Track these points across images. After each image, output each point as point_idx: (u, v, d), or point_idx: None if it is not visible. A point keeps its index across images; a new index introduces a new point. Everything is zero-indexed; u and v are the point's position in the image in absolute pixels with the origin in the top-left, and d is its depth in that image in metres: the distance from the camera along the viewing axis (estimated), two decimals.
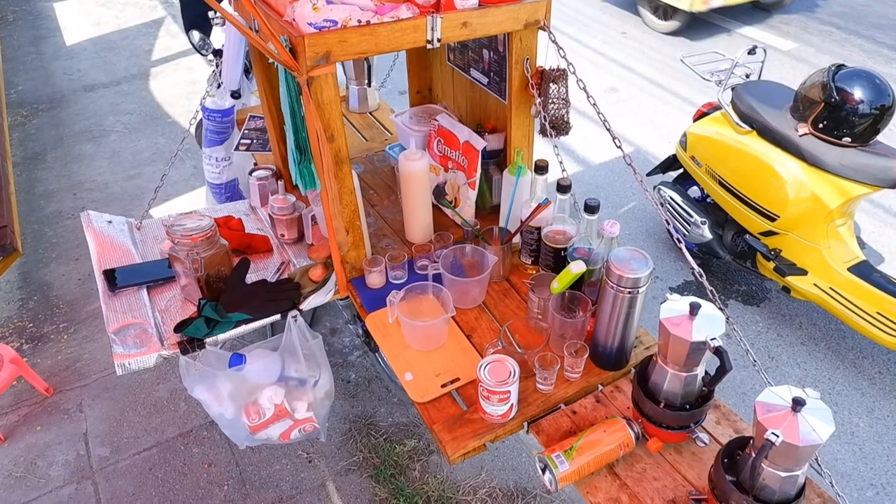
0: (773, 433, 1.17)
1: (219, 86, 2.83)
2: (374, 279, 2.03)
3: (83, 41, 6.87)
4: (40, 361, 3.23)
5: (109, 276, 2.11)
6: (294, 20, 1.60)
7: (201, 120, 2.91)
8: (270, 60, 2.16)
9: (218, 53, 3.05)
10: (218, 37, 3.68)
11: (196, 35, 3.90)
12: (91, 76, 6.12)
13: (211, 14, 2.93)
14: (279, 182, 2.36)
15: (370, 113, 3.16)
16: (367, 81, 3.11)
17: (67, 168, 4.78)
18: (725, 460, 1.35)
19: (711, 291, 1.74)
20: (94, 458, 2.80)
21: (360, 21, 1.62)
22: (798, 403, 1.18)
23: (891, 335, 2.82)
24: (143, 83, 5.97)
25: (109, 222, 2.36)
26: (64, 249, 3.97)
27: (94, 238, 2.25)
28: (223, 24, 3.69)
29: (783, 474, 1.24)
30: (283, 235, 2.30)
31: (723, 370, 1.39)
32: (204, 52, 4.03)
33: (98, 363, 3.21)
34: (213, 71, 2.90)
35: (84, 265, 3.82)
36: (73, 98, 5.74)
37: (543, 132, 2.01)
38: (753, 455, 1.24)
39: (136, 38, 6.88)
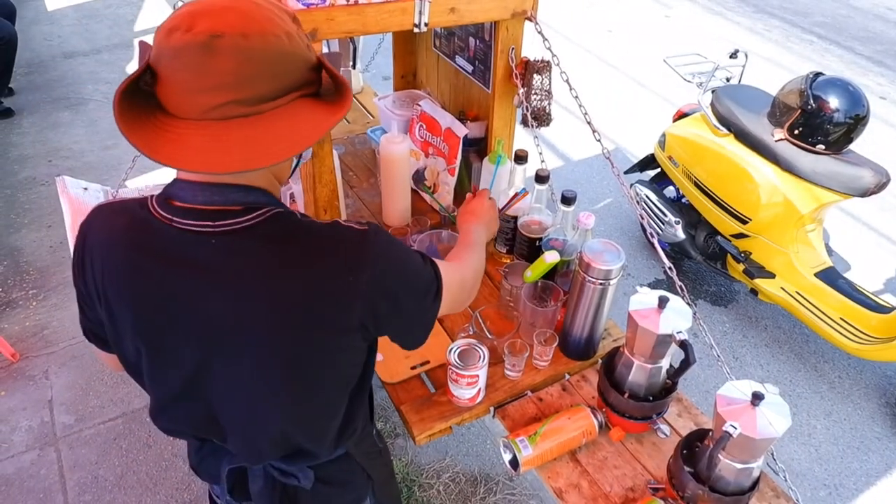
0: (731, 425, 1.20)
1: None
2: None
3: (65, 7, 6.75)
4: (7, 327, 3.20)
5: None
6: None
7: None
8: None
9: None
10: None
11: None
12: (71, 43, 6.02)
13: None
14: None
15: (353, 95, 3.16)
16: (352, 64, 3.10)
17: (43, 134, 4.71)
18: (684, 451, 1.39)
19: (681, 287, 1.77)
20: (58, 426, 2.78)
21: (348, 0, 1.62)
22: (757, 397, 1.22)
23: (852, 341, 2.89)
24: (124, 53, 5.89)
25: (85, 189, 2.33)
26: (36, 216, 3.92)
27: (69, 204, 2.22)
28: None
29: (739, 466, 1.27)
30: None
31: (687, 363, 1.42)
32: None
33: (66, 331, 3.18)
34: None
35: (56, 232, 3.77)
36: (51, 64, 5.64)
37: (525, 122, 2.03)
38: (711, 446, 1.27)
39: (120, 8, 6.78)
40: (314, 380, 1.07)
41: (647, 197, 3.57)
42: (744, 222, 3.10)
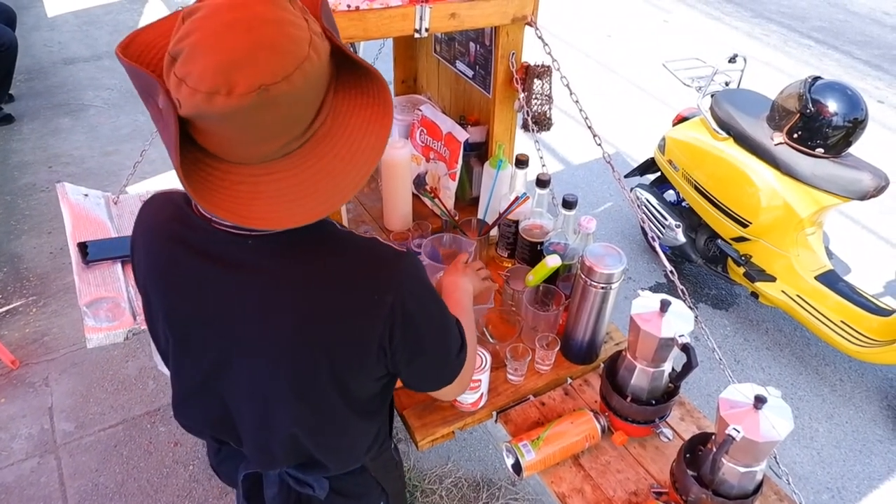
0: (734, 428, 1.20)
1: None
2: None
3: (65, 13, 6.76)
4: (7, 334, 3.19)
5: (82, 249, 2.09)
6: None
7: None
8: None
9: None
10: None
11: None
12: (71, 49, 6.03)
13: None
14: None
15: None
16: None
17: (43, 140, 4.71)
18: (687, 455, 1.39)
19: (682, 290, 1.77)
20: (58, 433, 2.78)
21: (349, 6, 1.62)
22: (760, 401, 1.22)
23: (853, 344, 2.89)
24: None
25: (86, 195, 2.34)
26: (37, 222, 3.92)
27: (70, 210, 2.23)
28: None
29: (742, 469, 1.27)
30: None
31: (689, 366, 1.42)
32: None
33: (67, 338, 3.18)
34: None
35: (57, 239, 3.77)
36: (52, 70, 5.65)
37: (525, 127, 2.03)
38: (715, 450, 1.27)
39: (120, 14, 6.78)
40: (327, 392, 1.06)
41: (647, 201, 3.57)
42: (744, 226, 3.10)
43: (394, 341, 1.03)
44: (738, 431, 1.20)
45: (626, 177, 3.75)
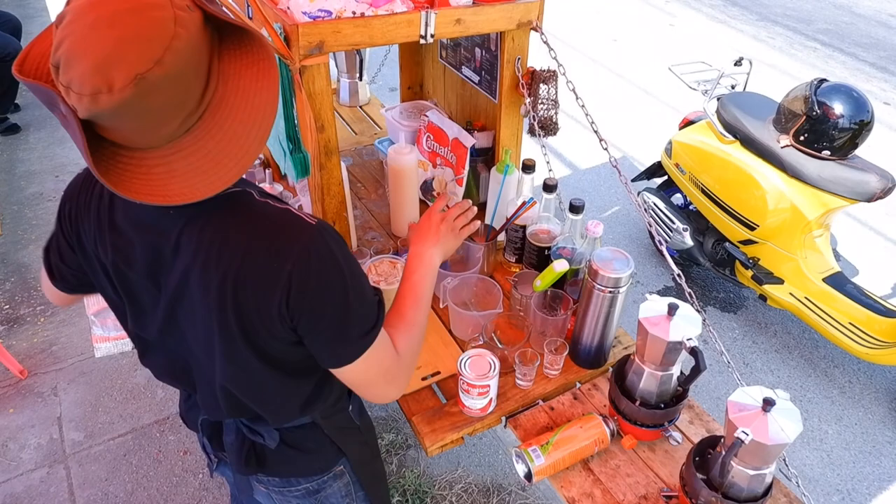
0: (743, 431, 1.20)
1: None
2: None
3: None
4: (15, 343, 3.21)
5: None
6: (289, 8, 1.61)
7: None
8: None
9: None
10: None
11: None
12: None
13: None
14: (267, 171, 2.36)
15: (360, 107, 3.17)
16: (358, 75, 3.12)
17: (50, 150, 4.74)
18: (697, 458, 1.38)
19: (690, 294, 1.77)
20: (67, 443, 2.78)
21: (354, 12, 1.63)
22: (768, 403, 1.21)
23: (862, 345, 2.88)
24: None
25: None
26: (44, 231, 3.94)
27: None
28: None
29: (751, 472, 1.27)
30: None
31: (697, 370, 1.42)
32: None
33: (75, 347, 3.19)
34: None
35: None
36: None
37: (532, 132, 2.03)
38: (724, 453, 1.27)
39: None
40: (246, 353, 1.10)
41: (654, 204, 3.57)
42: (751, 228, 3.09)
43: (290, 309, 1.04)
44: (747, 434, 1.19)
45: (633, 181, 3.75)
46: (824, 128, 2.82)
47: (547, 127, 2.02)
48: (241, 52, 0.95)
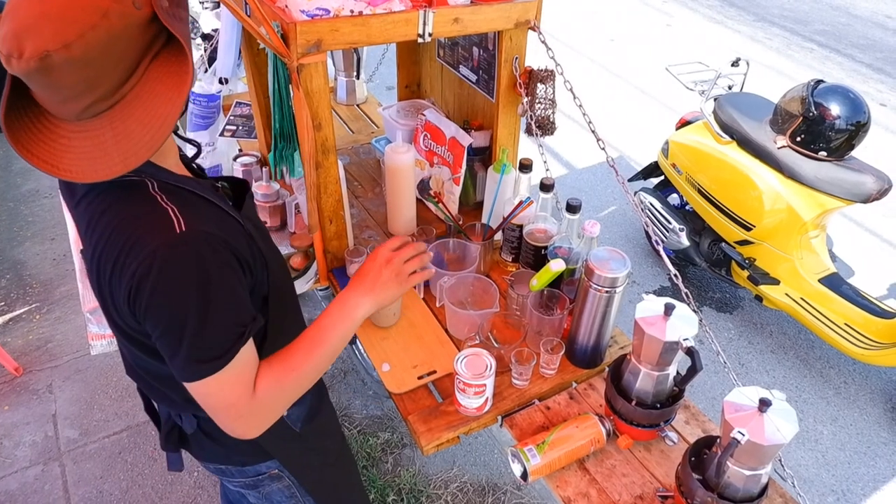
0: (739, 432, 1.20)
1: (205, 70, 2.82)
2: (356, 269, 2.04)
3: None
4: (10, 341, 3.20)
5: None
6: (287, 7, 1.60)
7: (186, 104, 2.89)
8: (261, 46, 2.17)
9: (206, 37, 3.03)
10: (207, 20, 3.66)
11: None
12: None
13: None
14: (263, 169, 2.36)
15: (357, 105, 3.17)
16: (355, 74, 3.12)
17: None
18: (693, 458, 1.38)
19: (686, 294, 1.77)
20: (62, 440, 2.78)
21: (352, 11, 1.63)
22: (764, 404, 1.21)
23: (857, 346, 2.89)
24: None
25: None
26: (40, 228, 3.93)
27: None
28: (213, 8, 3.67)
29: (747, 472, 1.27)
30: (265, 223, 2.30)
31: (693, 370, 1.42)
32: (192, 35, 4.01)
33: (70, 344, 3.18)
34: (201, 55, 2.89)
35: (60, 245, 3.78)
36: None
37: (529, 131, 2.03)
38: (720, 453, 1.27)
39: None
40: (121, 336, 1.14)
41: (651, 204, 3.57)
42: (748, 229, 3.10)
43: (132, 306, 1.03)
44: (743, 435, 1.19)
45: (629, 181, 3.75)
46: (821, 129, 2.82)
47: (544, 126, 2.02)
48: (173, 61, 0.98)
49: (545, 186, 1.90)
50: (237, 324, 1.07)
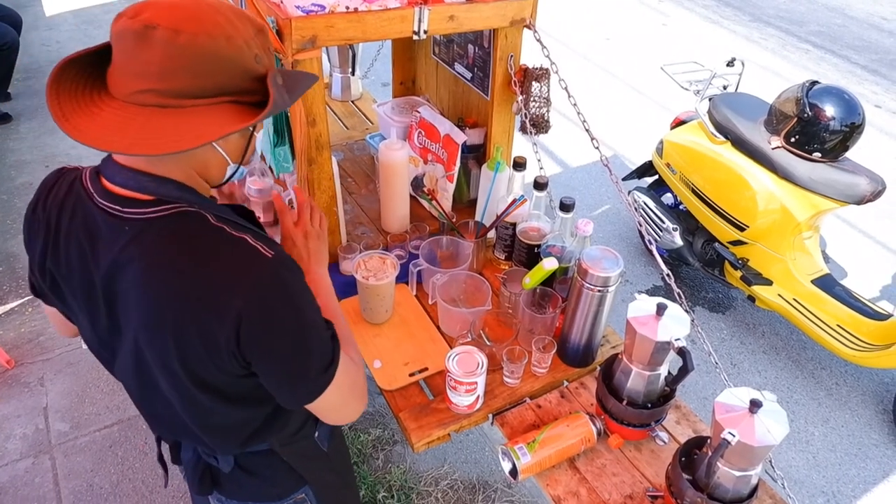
0: (729, 432, 1.20)
1: None
2: (348, 265, 2.04)
3: (64, 12, 6.75)
4: (2, 333, 3.19)
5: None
6: (282, 2, 1.60)
7: None
8: None
9: None
10: None
11: None
12: (70, 48, 6.01)
13: None
14: (257, 164, 2.35)
15: (352, 101, 3.16)
16: (350, 70, 3.11)
17: (41, 140, 4.71)
18: (683, 459, 1.39)
19: (679, 294, 1.78)
20: (53, 433, 2.77)
21: (348, 7, 1.62)
22: (755, 405, 1.22)
23: (849, 347, 2.89)
24: None
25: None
26: None
27: None
28: None
29: (737, 473, 1.27)
30: (258, 218, 2.29)
31: (685, 370, 1.42)
32: None
33: (62, 338, 3.17)
34: None
35: None
36: (49, 69, 5.53)
37: (523, 129, 2.03)
38: (710, 453, 1.27)
39: None
40: (183, 379, 1.05)
41: (644, 204, 3.57)
42: (741, 229, 3.10)
43: (241, 348, 1.00)
44: (734, 435, 1.20)
45: (623, 180, 3.75)
46: (815, 130, 2.83)
47: (539, 125, 2.02)
48: (245, 115, 0.98)
49: (539, 185, 1.89)
50: (326, 326, 1.12)
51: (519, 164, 1.97)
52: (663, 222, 3.46)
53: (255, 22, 1.00)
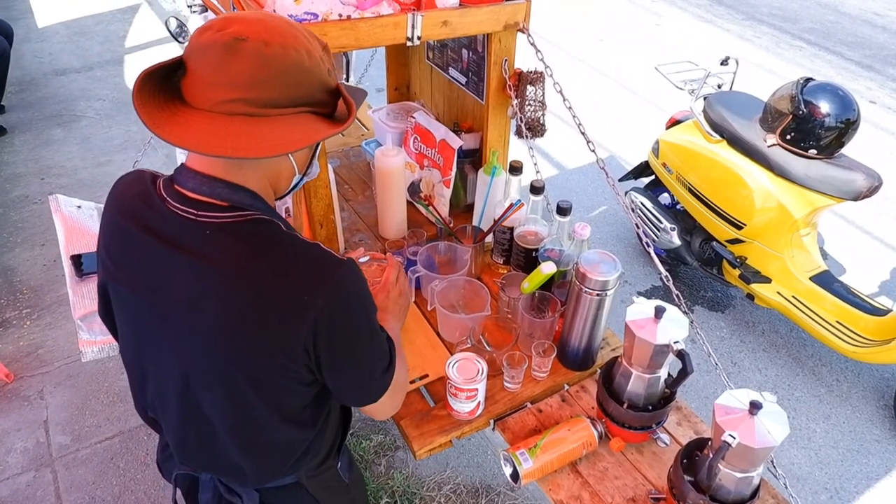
0: (730, 435, 1.20)
1: None
2: None
3: (55, 24, 6.75)
4: (1, 347, 3.18)
5: (76, 261, 2.08)
6: (274, 11, 1.60)
7: None
8: None
9: None
10: (195, 24, 3.65)
11: (174, 22, 3.85)
12: (62, 60, 6.02)
13: (189, 2, 2.90)
14: None
15: None
16: (345, 76, 3.10)
17: (35, 152, 4.70)
18: (684, 461, 1.38)
19: (677, 295, 1.77)
20: (53, 446, 2.76)
21: (340, 15, 1.62)
22: (755, 406, 1.22)
23: (849, 344, 2.89)
24: (116, 69, 5.88)
25: (78, 207, 2.32)
26: (29, 234, 3.91)
27: (62, 222, 2.22)
28: (201, 12, 3.65)
29: (739, 475, 1.27)
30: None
31: (684, 372, 1.42)
32: (181, 39, 3.98)
33: (61, 350, 3.16)
34: None
35: (50, 251, 3.76)
36: (43, 81, 5.63)
37: (519, 133, 2.03)
38: (711, 456, 1.27)
39: (111, 24, 6.78)
40: (245, 389, 1.06)
41: (642, 204, 3.57)
42: (739, 228, 3.10)
43: (318, 346, 1.04)
44: (734, 438, 1.20)
45: (620, 181, 3.76)
46: (811, 127, 2.83)
47: (534, 128, 2.02)
48: (325, 126, 1.04)
49: (535, 189, 1.89)
50: (380, 326, 1.19)
51: (515, 168, 1.97)
52: (661, 222, 3.46)
53: (321, 39, 1.07)
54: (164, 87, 0.98)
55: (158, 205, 1.05)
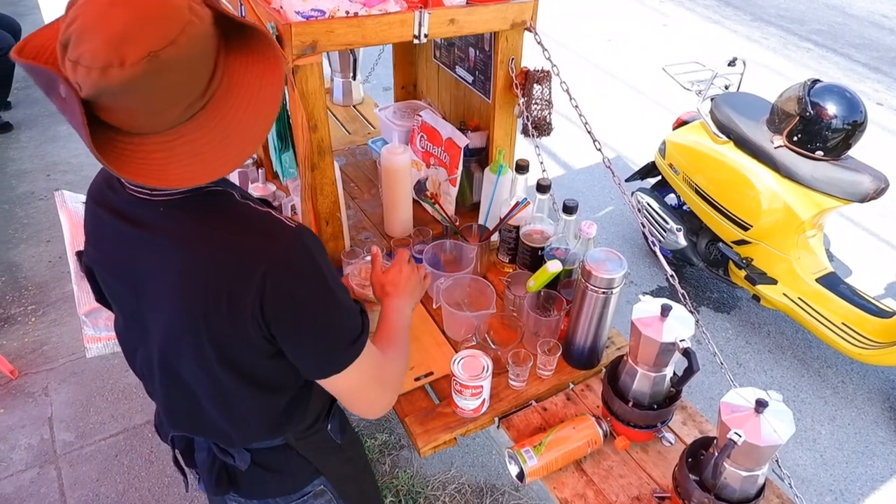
0: (735, 433, 1.19)
1: None
2: (352, 270, 2.03)
3: None
4: (6, 343, 3.19)
5: (82, 257, 2.08)
6: (281, 8, 1.60)
7: None
8: None
9: None
10: None
11: None
12: None
13: None
14: (260, 170, 2.35)
15: (354, 106, 3.16)
16: (352, 75, 3.11)
17: (41, 149, 4.71)
18: (689, 459, 1.38)
19: (683, 294, 1.77)
20: (58, 443, 2.77)
21: (348, 12, 1.62)
22: (761, 405, 1.21)
23: (855, 345, 2.89)
24: None
25: (84, 203, 2.33)
26: (35, 231, 3.92)
27: (68, 218, 2.22)
28: None
29: (744, 473, 1.26)
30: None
31: (690, 371, 1.41)
32: None
33: (66, 347, 3.17)
34: None
35: (55, 247, 3.77)
36: None
37: (525, 132, 2.03)
38: (716, 454, 1.26)
39: None
40: (210, 358, 1.08)
41: (648, 205, 3.57)
42: (745, 229, 3.10)
43: (266, 315, 1.03)
44: (740, 436, 1.19)
45: (626, 181, 3.75)
46: (818, 128, 2.82)
47: (540, 127, 2.02)
48: (248, 51, 0.97)
49: (542, 187, 1.89)
50: (352, 300, 1.15)
51: (521, 167, 1.97)
52: (667, 223, 3.46)
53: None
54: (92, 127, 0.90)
55: (119, 188, 1.07)
